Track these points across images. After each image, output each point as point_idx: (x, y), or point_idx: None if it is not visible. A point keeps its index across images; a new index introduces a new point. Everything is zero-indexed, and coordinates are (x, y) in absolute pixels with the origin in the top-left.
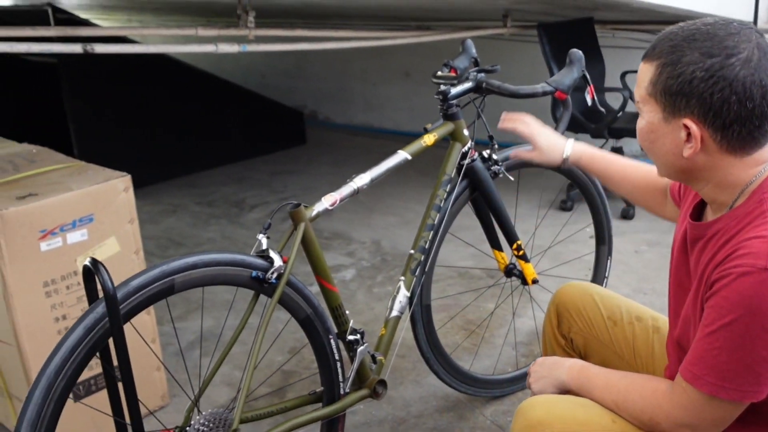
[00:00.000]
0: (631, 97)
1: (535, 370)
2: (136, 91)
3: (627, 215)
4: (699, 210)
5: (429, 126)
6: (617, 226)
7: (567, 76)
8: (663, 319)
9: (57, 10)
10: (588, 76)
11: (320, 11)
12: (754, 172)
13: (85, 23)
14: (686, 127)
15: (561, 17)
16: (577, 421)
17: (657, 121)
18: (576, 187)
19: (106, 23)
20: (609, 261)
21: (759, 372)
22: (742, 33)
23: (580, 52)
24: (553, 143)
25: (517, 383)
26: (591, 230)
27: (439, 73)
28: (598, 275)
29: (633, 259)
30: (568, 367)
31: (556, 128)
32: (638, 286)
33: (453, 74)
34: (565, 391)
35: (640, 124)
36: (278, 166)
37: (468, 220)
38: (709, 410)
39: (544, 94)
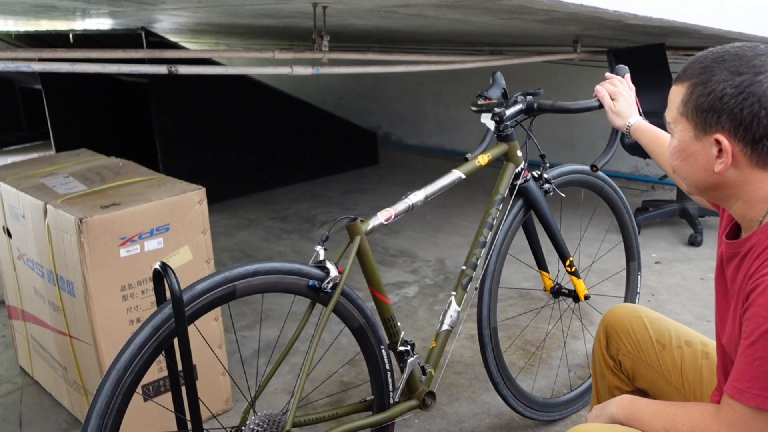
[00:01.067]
0: None
1: (590, 416)
2: (219, 111)
3: (695, 242)
4: (735, 230)
5: (469, 155)
6: (684, 252)
7: None
8: (713, 345)
9: (149, 34)
10: (634, 89)
11: (393, 36)
12: None
13: (175, 46)
14: (717, 142)
15: (631, 43)
16: None
17: (688, 139)
18: (605, 202)
19: (194, 46)
20: (639, 276)
21: None
22: (765, 54)
23: (626, 66)
24: (625, 110)
25: (575, 404)
26: (656, 255)
27: (480, 102)
28: (630, 291)
29: (698, 286)
30: (618, 401)
31: (609, 142)
32: (702, 313)
33: (489, 102)
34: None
35: (672, 144)
36: (350, 184)
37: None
38: (758, 425)
39: (600, 107)
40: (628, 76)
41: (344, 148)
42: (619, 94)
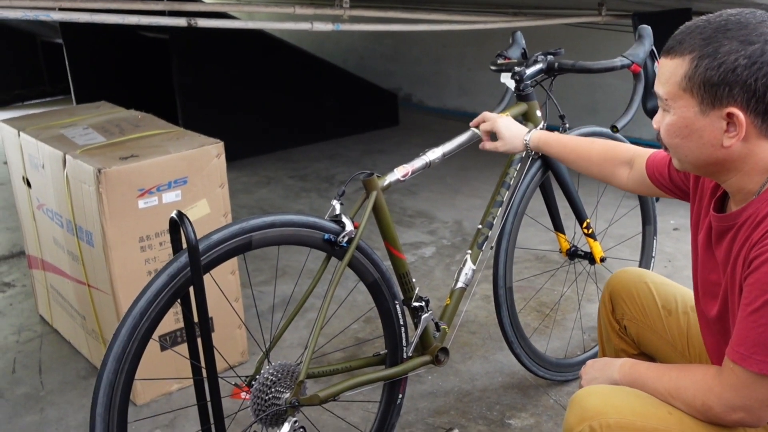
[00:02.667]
0: None
1: (587, 372)
2: (239, 68)
3: None
4: (720, 203)
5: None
6: None
7: (640, 50)
8: None
9: None
10: (656, 51)
11: None
12: None
13: (196, 0)
14: (729, 116)
15: (658, 7)
16: (633, 412)
17: (692, 115)
18: None
19: (215, 1)
20: (655, 241)
21: None
22: None
23: (649, 28)
24: (514, 133)
25: None
26: (675, 222)
27: (499, 61)
28: (645, 255)
29: None
30: (620, 365)
31: (630, 103)
32: None
33: (508, 62)
34: None
35: (669, 120)
36: (370, 145)
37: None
38: (762, 390)
39: (622, 67)
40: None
41: (364, 108)
42: (498, 125)
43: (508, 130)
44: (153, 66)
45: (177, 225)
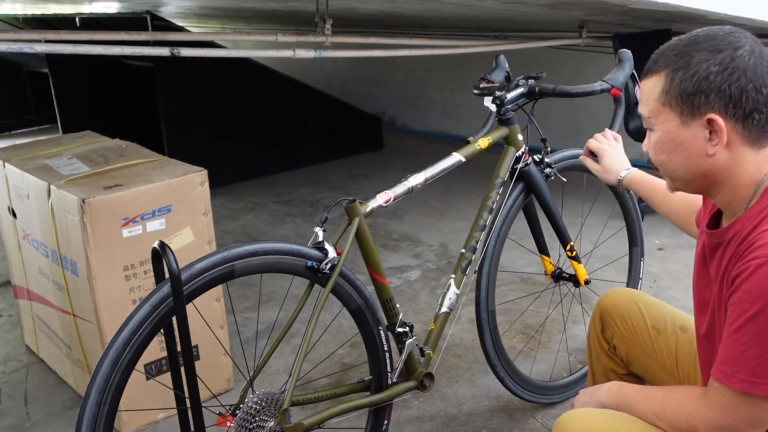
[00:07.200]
0: None
1: (578, 400)
2: (224, 95)
3: None
4: (715, 220)
5: (471, 138)
6: (687, 239)
7: (620, 74)
8: None
9: (155, 18)
10: (637, 75)
11: (398, 21)
12: (766, 170)
13: (180, 30)
14: (710, 122)
15: (637, 28)
16: None
17: (675, 128)
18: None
19: (200, 30)
20: (642, 262)
21: None
22: (736, 32)
23: (629, 51)
24: (615, 165)
25: (574, 388)
26: (659, 241)
27: (482, 85)
28: (633, 277)
29: None
30: (607, 388)
31: (612, 123)
32: None
33: (491, 86)
34: None
35: (654, 137)
36: (354, 169)
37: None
38: (746, 409)
39: (602, 91)
40: (608, 132)
41: (349, 133)
42: (604, 151)
43: (611, 160)
44: (139, 93)
45: (159, 255)
